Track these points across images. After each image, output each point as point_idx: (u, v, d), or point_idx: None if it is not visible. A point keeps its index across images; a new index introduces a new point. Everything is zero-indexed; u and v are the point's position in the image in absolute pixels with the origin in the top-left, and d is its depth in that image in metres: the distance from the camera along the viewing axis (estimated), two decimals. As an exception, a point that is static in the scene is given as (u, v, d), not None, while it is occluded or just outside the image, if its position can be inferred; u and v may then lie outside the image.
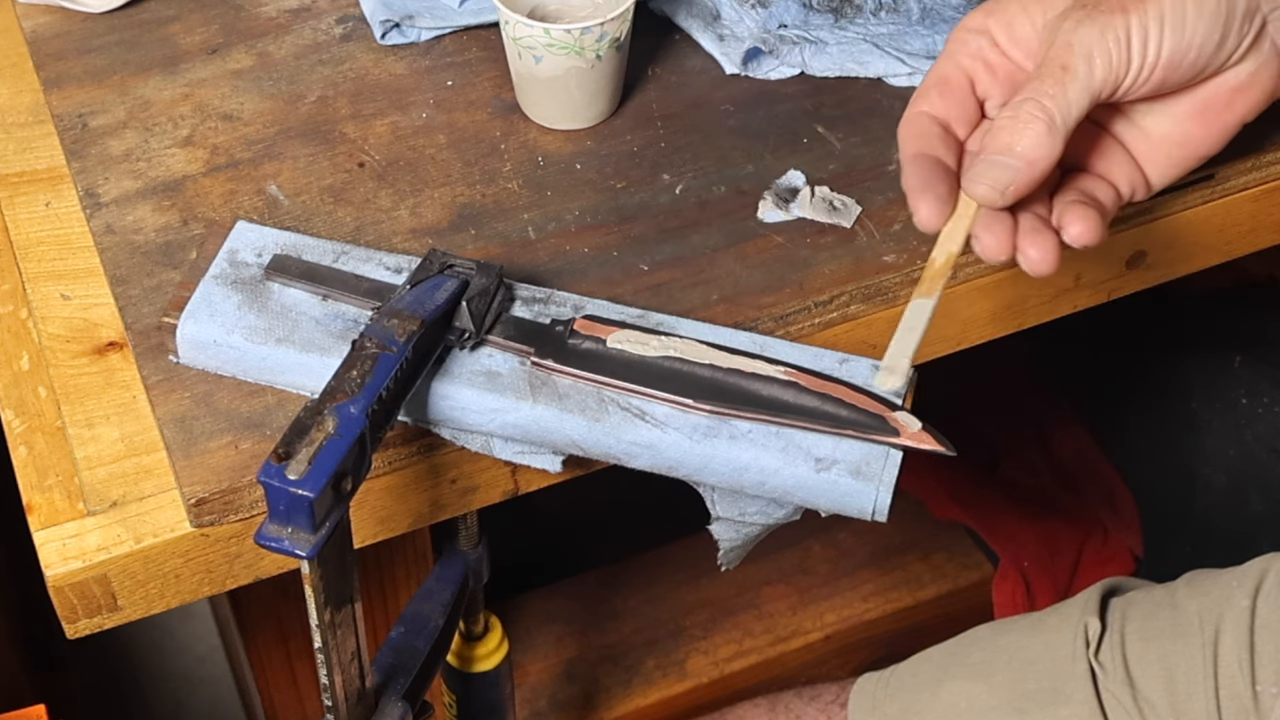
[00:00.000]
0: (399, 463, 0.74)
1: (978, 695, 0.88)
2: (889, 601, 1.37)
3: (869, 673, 0.95)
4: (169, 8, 0.93)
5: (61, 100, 0.88)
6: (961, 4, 0.93)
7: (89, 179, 0.84)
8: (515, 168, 0.85)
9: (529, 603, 1.35)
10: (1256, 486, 1.28)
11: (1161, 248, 0.87)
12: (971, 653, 0.91)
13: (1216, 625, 0.84)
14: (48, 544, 0.71)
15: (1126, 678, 0.85)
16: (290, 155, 0.85)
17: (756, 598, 1.36)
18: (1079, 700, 0.85)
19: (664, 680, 1.31)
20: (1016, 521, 1.36)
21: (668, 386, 0.70)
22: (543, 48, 0.82)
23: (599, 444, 0.71)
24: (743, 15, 0.92)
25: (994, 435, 1.39)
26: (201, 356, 0.74)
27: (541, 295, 0.75)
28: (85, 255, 0.82)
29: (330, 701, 0.71)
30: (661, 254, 0.81)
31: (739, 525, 0.75)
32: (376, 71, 0.90)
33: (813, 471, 0.69)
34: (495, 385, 0.71)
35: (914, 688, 0.91)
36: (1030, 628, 0.90)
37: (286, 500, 0.61)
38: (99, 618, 0.73)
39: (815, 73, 0.90)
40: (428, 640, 0.85)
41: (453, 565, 0.94)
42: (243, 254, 0.76)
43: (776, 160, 0.86)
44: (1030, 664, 0.87)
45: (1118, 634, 0.87)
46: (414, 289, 0.71)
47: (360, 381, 0.65)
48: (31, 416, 0.77)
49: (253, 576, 0.75)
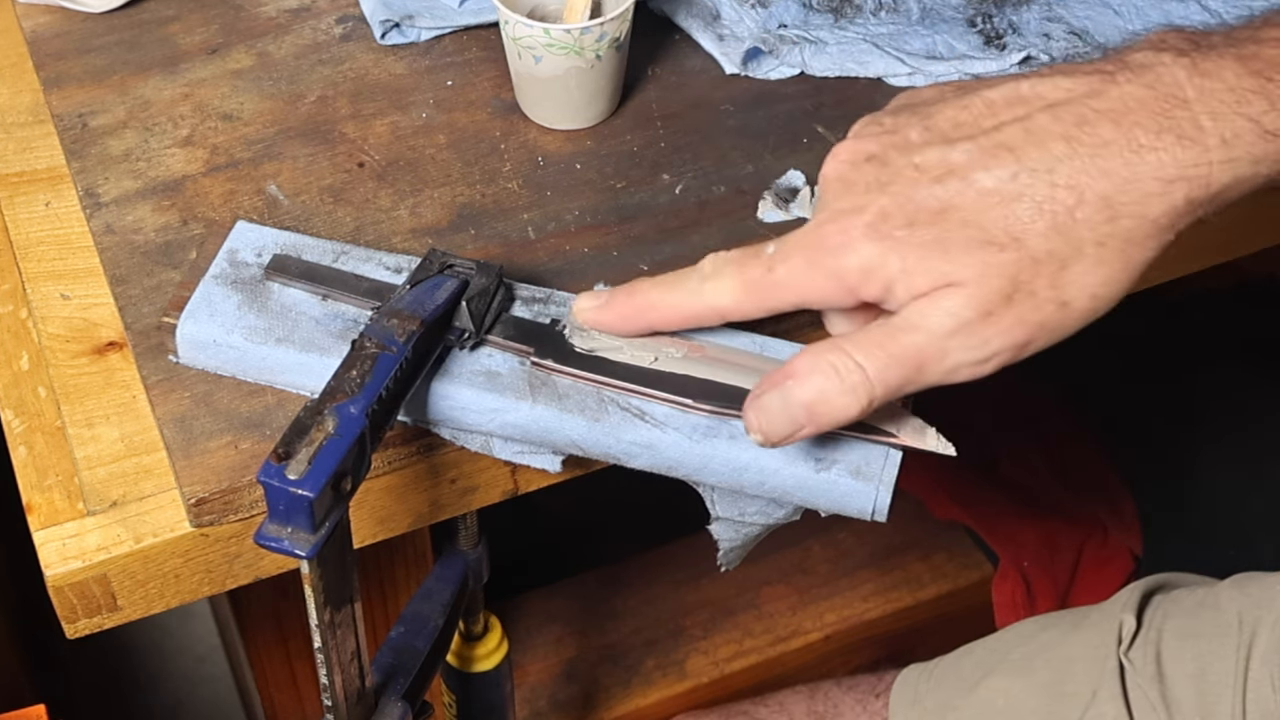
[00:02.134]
0: (399, 463, 0.74)
1: (1015, 693, 0.88)
2: (889, 601, 1.37)
3: (914, 664, 0.95)
4: (169, 8, 0.93)
5: (61, 100, 0.88)
6: (961, 4, 0.93)
7: (89, 179, 0.84)
8: (515, 168, 0.85)
9: (529, 603, 1.35)
10: (1256, 486, 1.28)
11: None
12: (1013, 648, 0.91)
13: (1254, 628, 0.84)
14: (47, 544, 0.71)
15: (1157, 674, 0.84)
16: (290, 155, 0.85)
17: (756, 598, 1.36)
18: (1104, 697, 0.84)
19: (664, 680, 1.31)
20: (1016, 521, 1.36)
21: (667, 386, 0.70)
22: (542, 48, 0.82)
23: (599, 444, 0.71)
24: (743, 15, 0.92)
25: (994, 435, 1.39)
26: (201, 356, 0.74)
27: (541, 295, 0.75)
28: (85, 255, 0.82)
29: (330, 701, 0.70)
30: (661, 254, 0.81)
31: (739, 525, 0.75)
32: (376, 71, 0.90)
33: (813, 471, 0.69)
34: (495, 385, 0.71)
35: (955, 681, 0.91)
36: (1072, 625, 0.90)
37: (286, 500, 0.61)
38: (99, 618, 0.73)
39: (815, 73, 0.90)
40: (428, 640, 0.85)
41: (453, 565, 0.94)
42: (243, 254, 0.76)
43: (776, 160, 0.86)
44: (1069, 661, 0.87)
45: (1155, 631, 0.86)
46: (414, 289, 0.71)
47: (360, 381, 0.65)
48: (31, 416, 0.77)
49: (253, 576, 0.75)
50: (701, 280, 0.67)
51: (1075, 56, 0.89)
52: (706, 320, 0.68)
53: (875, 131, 0.65)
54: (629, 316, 0.70)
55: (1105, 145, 0.60)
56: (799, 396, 0.63)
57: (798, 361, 0.63)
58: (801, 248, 0.63)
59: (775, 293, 0.64)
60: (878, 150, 0.64)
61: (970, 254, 0.60)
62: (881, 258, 0.61)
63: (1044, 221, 0.60)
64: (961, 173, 0.61)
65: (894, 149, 0.64)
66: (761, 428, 0.64)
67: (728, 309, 0.66)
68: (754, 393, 0.65)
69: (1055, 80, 0.63)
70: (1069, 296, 0.61)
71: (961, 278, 0.60)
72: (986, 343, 0.61)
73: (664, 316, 0.69)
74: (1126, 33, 0.91)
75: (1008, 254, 0.60)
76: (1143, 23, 0.92)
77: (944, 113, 0.64)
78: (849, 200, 0.63)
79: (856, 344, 0.62)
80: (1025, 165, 0.61)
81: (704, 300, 0.67)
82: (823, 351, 0.62)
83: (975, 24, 0.92)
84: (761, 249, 0.65)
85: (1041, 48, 0.90)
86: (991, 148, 0.61)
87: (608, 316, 0.70)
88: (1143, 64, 0.62)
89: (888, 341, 0.62)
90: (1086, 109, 0.61)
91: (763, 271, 0.64)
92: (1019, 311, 0.61)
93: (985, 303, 0.60)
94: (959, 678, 0.91)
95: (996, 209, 0.61)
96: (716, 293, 0.66)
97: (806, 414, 0.63)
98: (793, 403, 0.63)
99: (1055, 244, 0.60)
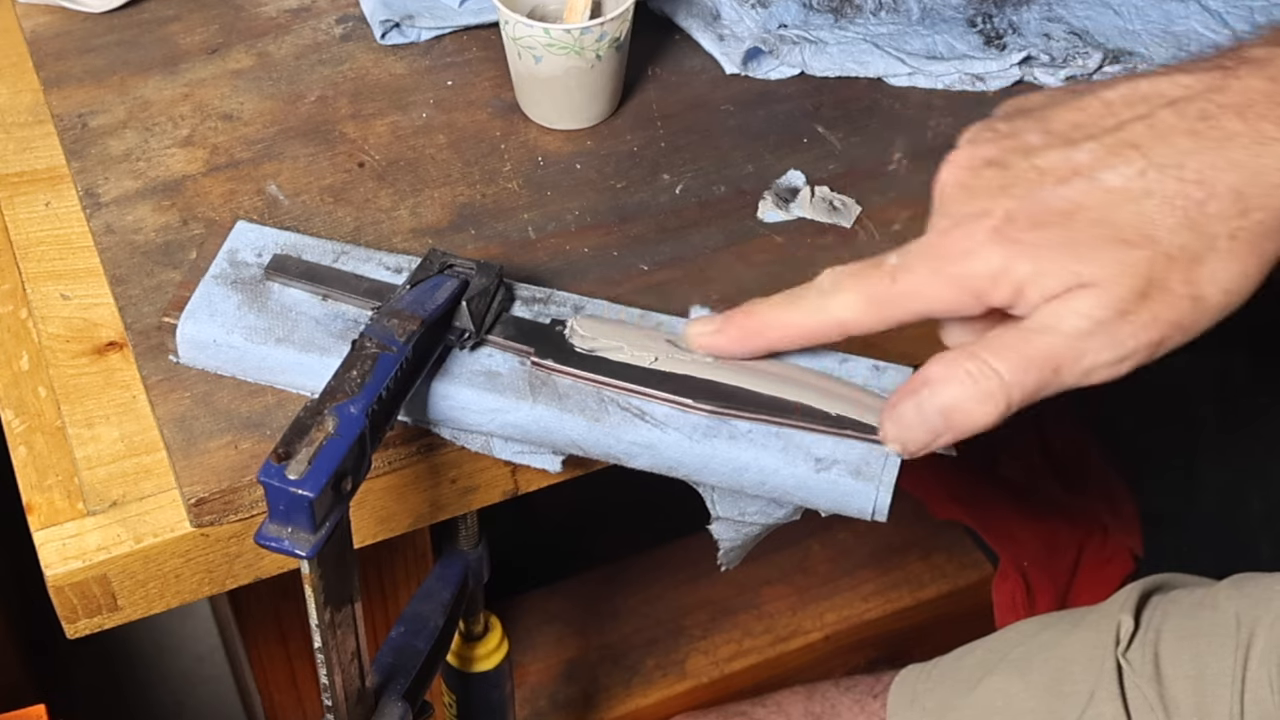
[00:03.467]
0: (399, 463, 0.74)
1: (1014, 693, 0.88)
2: (889, 601, 1.37)
3: (912, 665, 0.95)
4: (169, 8, 0.93)
5: (61, 100, 0.88)
6: (961, 4, 0.93)
7: (89, 179, 0.84)
8: (515, 168, 0.85)
9: (529, 603, 1.35)
10: (1256, 486, 1.28)
11: (1161, 248, 0.87)
12: (1012, 649, 0.91)
13: (1252, 628, 0.84)
14: (48, 544, 0.71)
15: (1155, 675, 0.84)
16: (290, 155, 0.85)
17: (756, 598, 1.36)
18: (1102, 698, 0.84)
19: (664, 680, 1.31)
20: (1016, 521, 1.36)
21: (667, 386, 0.70)
22: (543, 48, 0.82)
23: (599, 444, 0.71)
24: (743, 15, 0.92)
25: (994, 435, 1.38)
26: (201, 356, 0.74)
27: (541, 295, 0.75)
28: (85, 255, 0.82)
29: (330, 701, 0.70)
30: (661, 254, 0.81)
31: (739, 525, 0.75)
32: (376, 71, 0.90)
33: (813, 471, 0.69)
34: (495, 385, 0.71)
35: (954, 682, 0.91)
36: (1071, 625, 0.90)
37: (286, 500, 0.61)
38: (99, 618, 0.73)
39: (815, 73, 0.90)
40: (428, 640, 0.85)
41: (453, 565, 0.94)
42: (243, 254, 0.76)
43: (776, 160, 0.86)
44: (1067, 661, 0.87)
45: (1153, 632, 0.86)
46: (414, 289, 0.71)
47: (360, 381, 0.65)
48: (31, 416, 0.77)
49: (253, 576, 0.75)
50: (821, 296, 0.65)
51: (1075, 56, 0.89)
52: (829, 337, 0.67)
53: (991, 137, 0.64)
54: (747, 338, 0.68)
55: (1231, 138, 0.59)
56: (936, 404, 0.62)
57: (931, 369, 0.62)
58: (925, 257, 0.62)
59: (900, 304, 0.63)
60: (997, 155, 0.63)
61: (1102, 253, 0.59)
62: (1010, 261, 0.60)
63: (1175, 217, 0.59)
64: (1087, 172, 0.60)
65: (1014, 153, 0.63)
66: (898, 436, 0.63)
67: (850, 323, 0.65)
68: (889, 402, 0.64)
69: (1174, 78, 0.62)
70: (1203, 292, 0.60)
71: (1095, 277, 0.59)
72: (1122, 343, 0.60)
73: (784, 335, 0.68)
74: (1126, 33, 0.91)
75: (1140, 251, 0.59)
76: (1142, 22, 0.92)
77: (1061, 115, 0.63)
78: (971, 206, 0.62)
79: (991, 349, 0.61)
80: (1153, 161, 0.60)
81: (826, 316, 0.65)
82: (957, 358, 0.61)
83: (975, 24, 0.92)
84: (882, 261, 0.63)
85: (1042, 48, 0.90)
86: (1116, 146, 0.61)
87: (723, 340, 0.69)
88: (1262, 58, 0.61)
89: (1022, 345, 0.61)
90: (1209, 103, 0.60)
91: (886, 283, 0.63)
92: (1154, 309, 0.60)
93: (1120, 302, 0.59)
94: (957, 678, 0.91)
95: (1126, 206, 0.60)
96: (839, 307, 0.65)
97: (944, 421, 0.62)
98: (929, 411, 0.62)
99: (1187, 239, 0.59)
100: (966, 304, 0.62)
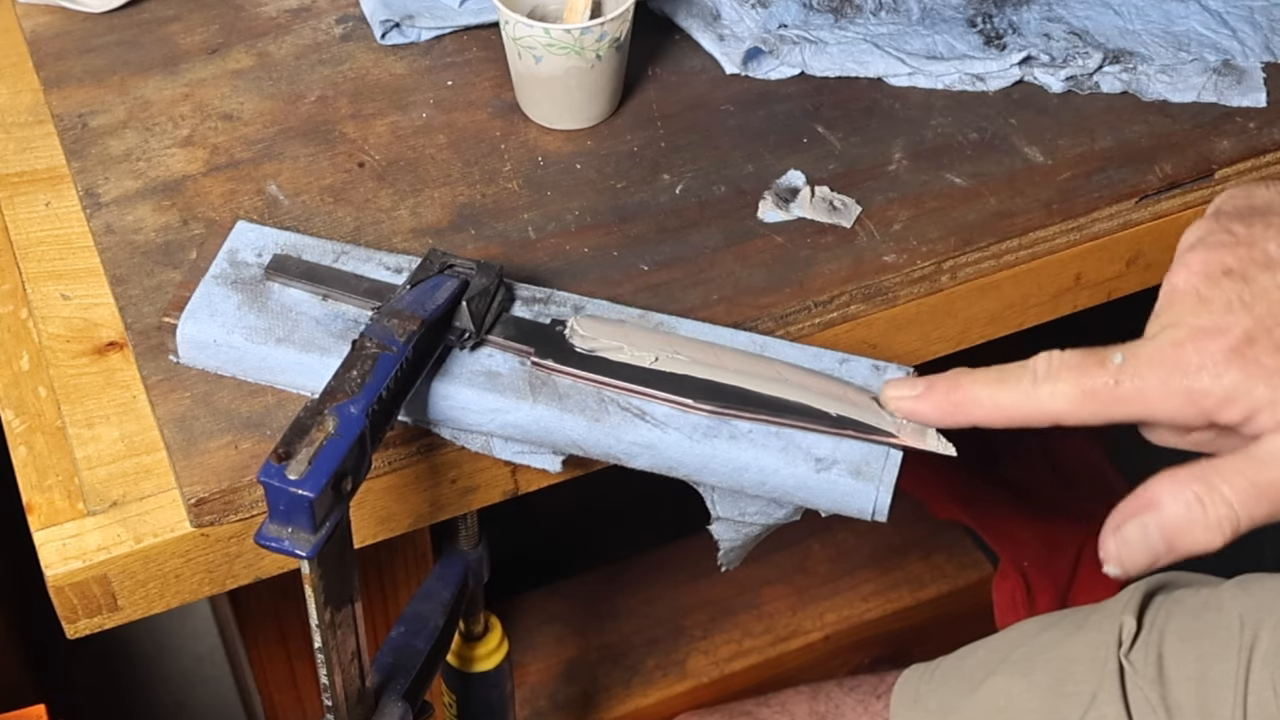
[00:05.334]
0: (399, 463, 0.74)
1: (1017, 694, 0.87)
2: (889, 601, 1.37)
3: (915, 665, 0.94)
4: (169, 8, 0.93)
5: (61, 100, 0.88)
6: (961, 4, 0.93)
7: (89, 179, 0.84)
8: (515, 168, 0.85)
9: (529, 603, 1.35)
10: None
11: (1162, 248, 0.87)
12: (1015, 649, 0.91)
13: (1256, 630, 0.83)
14: (48, 544, 0.71)
15: (1158, 677, 0.84)
16: (290, 155, 0.85)
17: (756, 598, 1.36)
18: (1105, 699, 0.84)
19: (664, 680, 1.31)
20: (1016, 521, 1.36)
21: (668, 386, 0.70)
22: (543, 48, 0.82)
23: (599, 444, 0.71)
24: (743, 15, 0.92)
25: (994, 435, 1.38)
26: (201, 356, 0.74)
27: (541, 295, 0.75)
28: (85, 255, 0.82)
29: (330, 701, 0.70)
30: (661, 254, 0.81)
31: (739, 525, 0.75)
32: (376, 71, 0.90)
33: (813, 471, 0.69)
34: (495, 385, 0.71)
35: (956, 682, 0.91)
36: (1074, 625, 0.90)
37: (286, 500, 0.61)
38: (99, 618, 0.73)
39: (815, 73, 0.90)
40: (428, 640, 0.85)
41: (453, 565, 0.94)
42: (243, 254, 0.76)
43: (776, 160, 0.86)
44: (1070, 662, 0.87)
45: (1156, 633, 0.86)
46: (414, 289, 0.71)
47: (360, 381, 0.65)
48: (31, 416, 0.77)
49: (253, 576, 0.75)
50: (1035, 382, 0.63)
51: (1075, 56, 0.89)
52: (1036, 423, 0.65)
53: (1228, 241, 0.62)
54: (950, 412, 0.67)
55: None
56: (1161, 528, 0.60)
57: (1159, 489, 0.60)
58: (1155, 365, 0.61)
59: (1118, 406, 0.62)
60: (1235, 265, 0.61)
61: None
62: (1247, 385, 0.59)
63: None
64: None
65: (1254, 265, 0.61)
66: (1120, 558, 0.62)
67: (1063, 414, 0.63)
68: (1112, 521, 0.62)
69: None
70: None
71: None
72: None
73: (989, 415, 0.66)
74: (1126, 33, 0.91)
75: None
76: (1143, 22, 0.92)
77: None
78: (1208, 319, 0.60)
79: (1221, 474, 0.59)
80: None
81: (1037, 404, 0.64)
82: (1185, 481, 0.60)
83: (975, 24, 0.92)
84: (1106, 357, 0.62)
85: (1042, 48, 0.90)
86: None
87: (925, 408, 0.67)
88: None
89: (1254, 474, 0.59)
90: None
91: (1108, 382, 0.62)
92: None
93: None
94: (960, 679, 0.91)
95: None
96: (1052, 397, 0.63)
97: (1166, 546, 0.61)
98: (1153, 535, 0.61)
99: None
100: (1191, 418, 0.61)
